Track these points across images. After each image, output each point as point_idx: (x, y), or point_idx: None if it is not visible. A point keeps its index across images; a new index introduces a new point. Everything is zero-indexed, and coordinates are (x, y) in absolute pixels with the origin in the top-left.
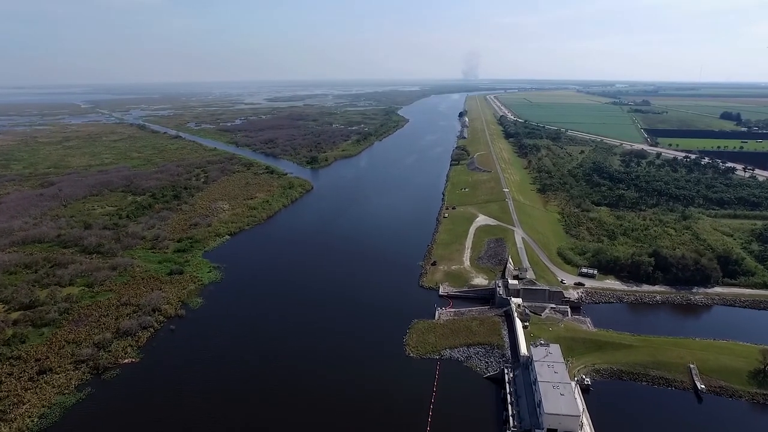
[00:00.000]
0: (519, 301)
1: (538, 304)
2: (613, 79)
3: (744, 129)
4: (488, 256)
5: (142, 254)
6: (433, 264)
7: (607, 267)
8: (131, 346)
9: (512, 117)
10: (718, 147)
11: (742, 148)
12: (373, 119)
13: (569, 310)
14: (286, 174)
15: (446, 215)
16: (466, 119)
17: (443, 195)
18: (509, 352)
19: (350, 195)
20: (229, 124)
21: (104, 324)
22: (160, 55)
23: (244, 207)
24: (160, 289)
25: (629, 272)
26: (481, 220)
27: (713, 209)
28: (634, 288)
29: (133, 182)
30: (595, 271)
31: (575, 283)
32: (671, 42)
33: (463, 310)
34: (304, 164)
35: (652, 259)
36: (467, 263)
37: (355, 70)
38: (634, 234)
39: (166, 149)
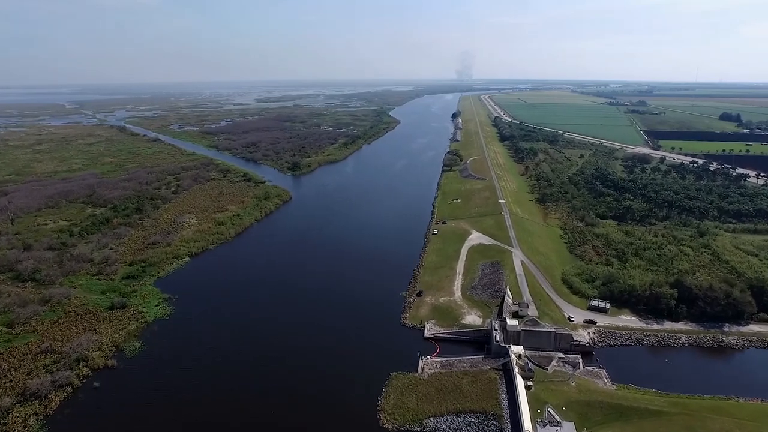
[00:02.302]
0: (520, 350)
1: (543, 353)
2: (607, 78)
3: (746, 131)
4: (482, 285)
5: (85, 282)
6: (419, 295)
7: (621, 299)
8: (37, 414)
9: (507, 118)
10: (723, 150)
11: (748, 151)
12: (363, 121)
13: (581, 359)
14: (264, 182)
15: (435, 231)
16: (460, 121)
17: (433, 206)
18: (509, 425)
19: (331, 207)
20: (213, 126)
21: (12, 381)
22: (154, 55)
23: (211, 222)
24: (94, 330)
25: (647, 304)
26: (475, 237)
27: (730, 222)
28: (655, 326)
29: (96, 192)
30: (608, 304)
31: (585, 321)
32: (664, 42)
33: (452, 359)
34: (285, 170)
35: (675, 290)
36: (458, 294)
37: (349, 70)
38: (646, 254)
39: (142, 154)
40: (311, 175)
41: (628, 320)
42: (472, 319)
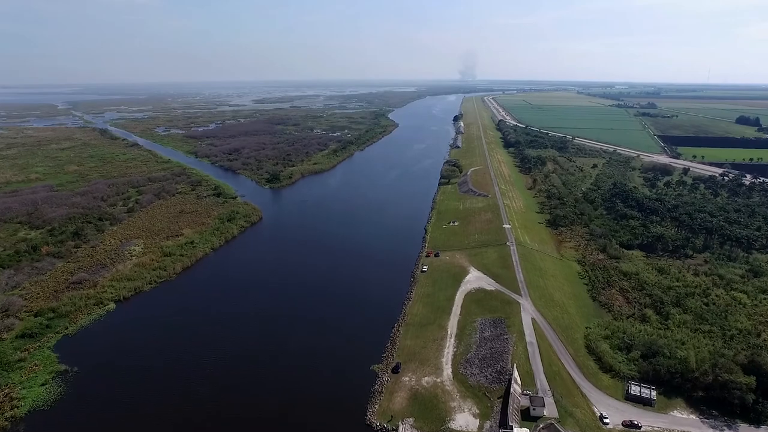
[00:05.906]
0: None
1: None
2: (612, 80)
3: None
4: (481, 358)
5: None
6: (395, 371)
7: (672, 382)
8: None
9: (511, 121)
10: (750, 159)
11: None
12: (360, 124)
13: None
14: (235, 197)
15: (425, 268)
16: (461, 124)
17: (425, 231)
18: None
19: (303, 233)
20: (200, 129)
21: None
22: (156, 55)
23: (156, 252)
24: None
25: (707, 391)
26: (473, 278)
27: None
28: None
29: (39, 210)
30: (653, 392)
31: (625, 424)
32: (670, 43)
33: None
34: (263, 183)
35: (753, 378)
36: (447, 371)
37: (352, 70)
38: (691, 303)
39: (114, 161)
40: (292, 188)
41: (685, 421)
42: (465, 420)
